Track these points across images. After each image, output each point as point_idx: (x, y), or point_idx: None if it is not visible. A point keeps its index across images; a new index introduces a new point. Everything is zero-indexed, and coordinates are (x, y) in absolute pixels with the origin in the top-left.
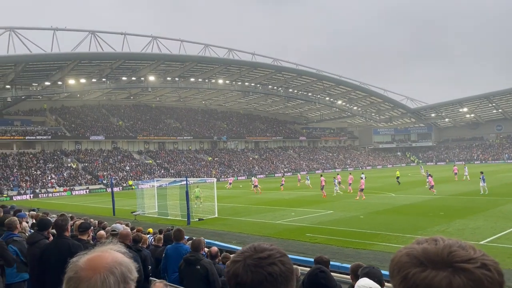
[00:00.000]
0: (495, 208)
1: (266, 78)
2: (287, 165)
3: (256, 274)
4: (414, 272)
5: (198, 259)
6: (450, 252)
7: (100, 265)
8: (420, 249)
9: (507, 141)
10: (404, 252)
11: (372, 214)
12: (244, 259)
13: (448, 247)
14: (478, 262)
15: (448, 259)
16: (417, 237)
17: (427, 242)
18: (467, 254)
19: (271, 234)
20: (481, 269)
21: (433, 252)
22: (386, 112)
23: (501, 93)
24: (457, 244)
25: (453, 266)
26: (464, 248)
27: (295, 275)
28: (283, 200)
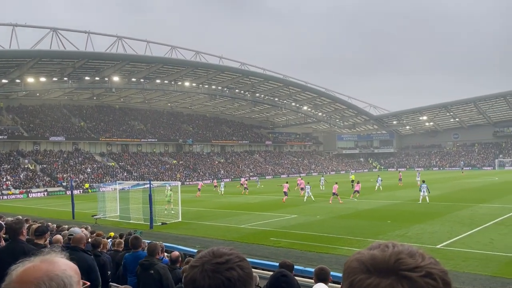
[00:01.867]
0: (451, 213)
1: (233, 82)
2: (253, 169)
3: (214, 280)
4: (360, 279)
5: (152, 263)
6: (397, 260)
7: (28, 280)
8: (369, 255)
9: (463, 149)
10: (354, 257)
11: (335, 219)
12: (202, 264)
13: (395, 254)
14: (424, 270)
15: (394, 266)
16: (377, 241)
17: (378, 248)
18: (413, 262)
19: (235, 238)
20: (426, 278)
21: (381, 259)
22: (350, 118)
23: (458, 103)
24: (406, 251)
25: (398, 274)
26: (413, 256)
27: (254, 280)
28: (248, 204)
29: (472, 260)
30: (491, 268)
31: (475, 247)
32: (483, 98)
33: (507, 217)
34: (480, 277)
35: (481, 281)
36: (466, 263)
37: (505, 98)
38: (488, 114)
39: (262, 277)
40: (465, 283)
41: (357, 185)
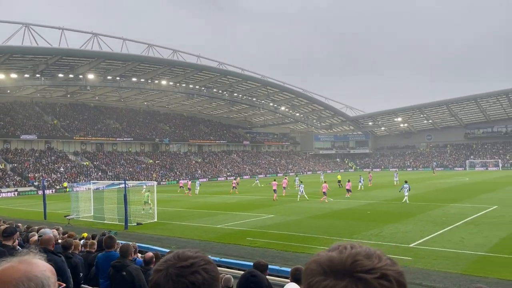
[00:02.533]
0: (424, 213)
1: (211, 81)
2: (230, 169)
3: (178, 284)
4: (316, 281)
5: (125, 265)
6: (354, 262)
7: (6, 280)
8: (327, 257)
9: (435, 150)
10: (313, 259)
11: (311, 218)
12: (166, 268)
13: (352, 256)
14: (379, 272)
15: (351, 268)
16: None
17: (336, 250)
18: (369, 264)
19: (212, 238)
20: (380, 280)
21: (338, 261)
22: (327, 119)
23: (431, 105)
24: (364, 253)
25: (353, 276)
26: (370, 258)
27: (219, 283)
28: (225, 204)
29: (443, 259)
30: (461, 266)
31: (446, 245)
32: (455, 101)
33: (476, 216)
34: (450, 275)
35: (451, 279)
36: (437, 262)
37: (476, 101)
38: (460, 116)
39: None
40: (436, 281)
41: (348, 183)
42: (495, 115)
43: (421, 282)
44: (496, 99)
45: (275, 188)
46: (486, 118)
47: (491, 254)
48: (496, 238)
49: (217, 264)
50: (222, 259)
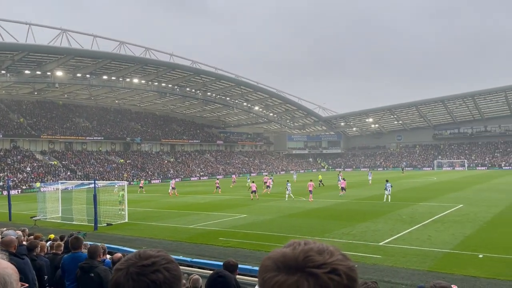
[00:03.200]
0: (394, 212)
1: (184, 80)
2: (204, 169)
3: (138, 282)
4: (269, 276)
5: (93, 266)
6: (306, 257)
7: None
8: (280, 253)
9: (405, 150)
10: (268, 256)
11: (284, 217)
12: (127, 267)
13: (304, 252)
14: (329, 267)
15: (303, 263)
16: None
17: (291, 246)
18: (321, 259)
19: (184, 239)
20: (330, 274)
21: (290, 256)
22: (300, 119)
23: (401, 106)
24: (316, 248)
25: (304, 271)
26: (322, 253)
27: (181, 282)
28: (197, 204)
29: (411, 256)
30: (428, 263)
31: (414, 243)
32: (424, 102)
33: (443, 215)
34: (418, 272)
35: (419, 276)
36: (405, 259)
37: (443, 103)
38: (429, 117)
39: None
40: (404, 278)
41: (343, 182)
42: (461, 117)
43: (390, 280)
44: (463, 101)
45: (255, 189)
46: (453, 120)
47: (457, 251)
48: (461, 236)
49: (189, 265)
50: (194, 260)
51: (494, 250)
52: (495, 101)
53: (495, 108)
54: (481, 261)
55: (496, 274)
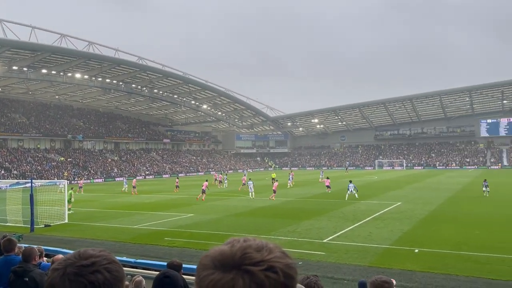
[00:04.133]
0: (337, 210)
1: (130, 76)
2: (149, 168)
3: (76, 284)
4: (205, 274)
5: (27, 270)
6: (243, 254)
7: None
8: (218, 251)
9: (348, 150)
10: (206, 253)
11: (231, 216)
12: (64, 267)
13: (242, 249)
14: (266, 264)
15: (239, 261)
16: (270, 238)
17: (230, 244)
18: (258, 256)
19: (127, 239)
20: (267, 271)
21: (228, 254)
22: (248, 119)
23: (345, 108)
24: (255, 245)
25: (240, 269)
26: (260, 250)
27: (124, 284)
28: (142, 204)
29: (353, 252)
30: (368, 259)
31: (356, 240)
32: (366, 104)
33: (383, 212)
34: (359, 268)
35: (360, 271)
36: (347, 255)
37: (384, 105)
38: (371, 119)
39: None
40: (346, 273)
41: (327, 180)
42: (400, 119)
43: (333, 276)
44: (402, 104)
45: (204, 188)
46: (393, 121)
47: (395, 247)
48: (399, 232)
49: (132, 266)
50: (138, 260)
51: (429, 245)
52: (431, 105)
53: (431, 111)
54: (417, 255)
55: (430, 268)
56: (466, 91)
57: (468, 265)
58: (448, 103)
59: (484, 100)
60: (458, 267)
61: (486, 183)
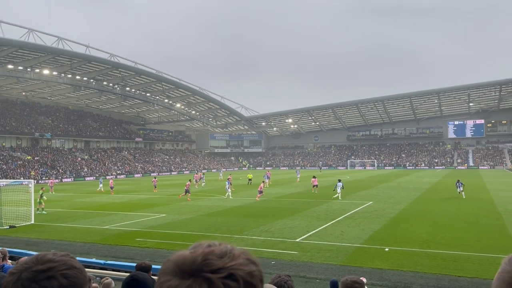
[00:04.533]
0: (310, 209)
1: (101, 74)
2: (121, 167)
3: None
4: (163, 280)
5: None
6: (204, 260)
7: None
8: (180, 256)
9: (322, 150)
10: (170, 258)
11: (204, 216)
12: (20, 271)
13: (204, 255)
14: (226, 272)
15: (199, 267)
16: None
17: (194, 248)
18: (219, 263)
19: (97, 240)
20: (226, 279)
21: (188, 260)
22: (223, 118)
23: (318, 108)
24: (218, 251)
25: (199, 276)
26: (222, 257)
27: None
28: (113, 204)
29: (325, 251)
30: (340, 258)
31: (328, 239)
32: (339, 105)
33: (355, 211)
34: (331, 267)
35: (332, 270)
36: (320, 254)
37: (357, 106)
38: (343, 119)
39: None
40: (319, 272)
41: (314, 179)
42: (372, 120)
43: (305, 275)
44: (374, 105)
45: (187, 188)
46: (365, 122)
47: (366, 246)
48: (370, 231)
49: (102, 267)
50: (107, 262)
51: (398, 244)
52: (402, 106)
53: (401, 112)
54: (387, 254)
55: (399, 266)
56: (435, 93)
57: (436, 262)
58: (418, 105)
59: (451, 103)
60: (426, 265)
61: (460, 183)
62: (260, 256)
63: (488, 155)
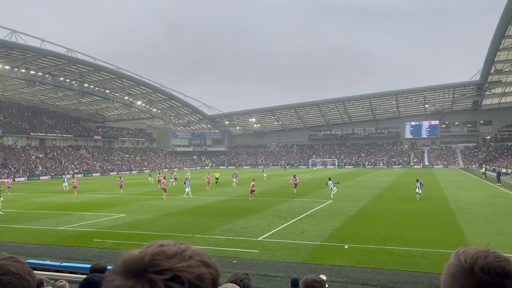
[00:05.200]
0: (272, 208)
1: (58, 69)
2: (78, 166)
3: None
4: (108, 279)
5: None
6: (151, 261)
7: None
8: (129, 255)
9: (284, 149)
10: (122, 256)
11: (165, 216)
12: None
13: (153, 254)
14: (171, 273)
15: (145, 267)
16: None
17: (144, 248)
18: (166, 264)
19: (52, 242)
20: (170, 281)
21: (136, 259)
22: (185, 116)
23: (281, 108)
24: (168, 252)
25: (142, 276)
26: (171, 257)
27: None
28: (70, 204)
29: (286, 250)
30: (301, 256)
31: (289, 237)
32: (301, 105)
33: (316, 210)
34: (292, 265)
35: (293, 268)
36: (281, 253)
37: (318, 106)
38: (305, 119)
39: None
40: (280, 270)
41: (295, 178)
42: (333, 120)
43: (267, 273)
44: (335, 105)
45: (164, 186)
46: (326, 122)
47: (326, 243)
48: (330, 229)
49: (57, 270)
50: (63, 264)
51: (357, 241)
52: (362, 107)
53: (361, 113)
54: (347, 251)
55: (358, 262)
56: (393, 94)
57: (393, 259)
58: (377, 106)
59: (408, 104)
60: (383, 261)
61: (420, 183)
62: (222, 255)
63: (442, 155)
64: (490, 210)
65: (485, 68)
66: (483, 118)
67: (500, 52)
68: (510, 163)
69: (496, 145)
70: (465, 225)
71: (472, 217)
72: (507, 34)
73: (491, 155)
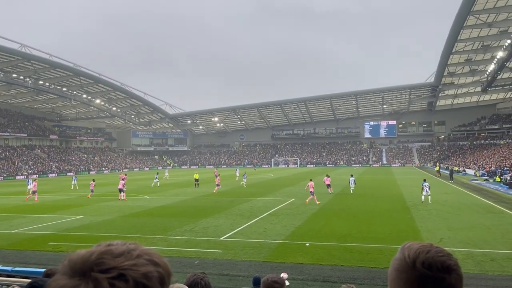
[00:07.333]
0: (234, 207)
1: (10, 65)
2: (33, 166)
3: None
4: (54, 279)
5: None
6: (97, 259)
7: None
8: (77, 254)
9: (247, 148)
10: (70, 255)
11: (125, 217)
12: None
13: (100, 253)
14: (116, 272)
15: (90, 266)
16: (167, 238)
17: (93, 247)
18: (111, 263)
19: (4, 246)
20: (114, 280)
21: (84, 258)
22: (146, 115)
23: (244, 107)
24: (116, 251)
25: (87, 275)
26: (118, 256)
27: None
28: (24, 206)
29: (248, 249)
30: (263, 254)
31: (251, 236)
32: (264, 105)
33: (278, 208)
34: (254, 263)
35: (255, 266)
36: (243, 252)
37: (281, 106)
38: (268, 119)
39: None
40: (242, 270)
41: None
42: (295, 120)
43: (229, 273)
44: (296, 105)
45: (121, 187)
46: (289, 122)
47: (288, 242)
48: (292, 227)
49: (9, 275)
50: (15, 269)
51: (318, 239)
52: (323, 107)
53: (322, 113)
54: (308, 249)
55: (319, 260)
56: (353, 95)
57: (352, 255)
58: (337, 106)
59: (367, 104)
60: (343, 258)
61: (426, 183)
62: (184, 256)
63: (399, 153)
64: (443, 206)
65: (439, 71)
66: (437, 119)
67: (453, 55)
68: (462, 162)
69: (449, 144)
70: (420, 221)
71: (426, 213)
72: (459, 38)
73: (445, 154)
